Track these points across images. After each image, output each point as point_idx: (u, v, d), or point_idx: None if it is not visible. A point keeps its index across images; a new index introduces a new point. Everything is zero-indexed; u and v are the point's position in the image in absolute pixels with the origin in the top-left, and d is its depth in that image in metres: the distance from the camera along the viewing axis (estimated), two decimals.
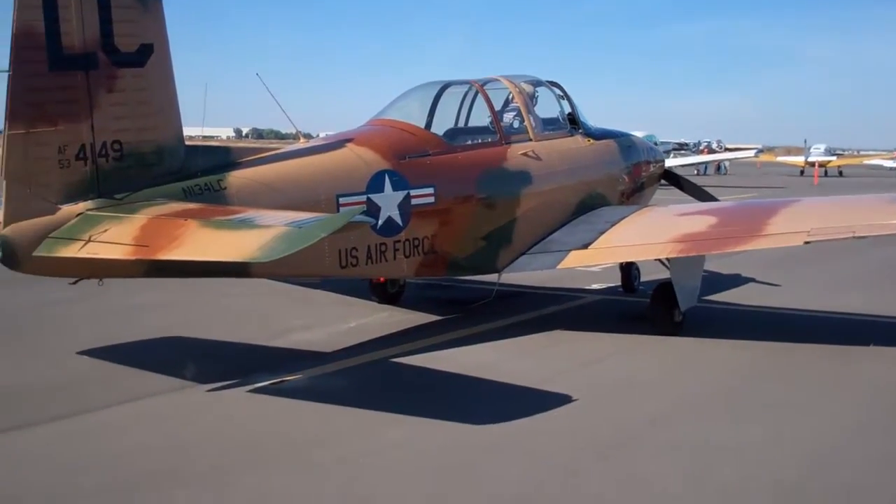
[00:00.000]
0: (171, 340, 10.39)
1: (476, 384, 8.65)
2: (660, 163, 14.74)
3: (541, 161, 11.57)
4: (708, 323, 11.34)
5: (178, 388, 8.35)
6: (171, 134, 8.28)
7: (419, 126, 11.01)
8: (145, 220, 7.41)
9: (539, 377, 8.76)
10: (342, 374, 8.99)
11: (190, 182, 8.30)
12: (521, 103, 11.97)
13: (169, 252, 7.01)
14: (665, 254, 10.52)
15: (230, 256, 6.89)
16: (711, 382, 8.90)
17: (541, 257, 11.09)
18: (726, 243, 10.38)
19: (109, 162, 7.80)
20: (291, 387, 8.43)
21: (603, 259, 11.43)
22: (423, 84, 11.98)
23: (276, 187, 8.85)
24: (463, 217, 10.61)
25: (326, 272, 9.41)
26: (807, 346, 10.27)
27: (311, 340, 10.31)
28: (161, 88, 8.16)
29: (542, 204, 11.43)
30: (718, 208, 11.69)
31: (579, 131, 12.68)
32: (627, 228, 11.10)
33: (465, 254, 10.76)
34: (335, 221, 7.24)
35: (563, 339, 10.57)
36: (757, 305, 12.90)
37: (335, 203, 9.20)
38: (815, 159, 68.59)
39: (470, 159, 10.94)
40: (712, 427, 7.48)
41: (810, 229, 9.75)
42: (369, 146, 9.99)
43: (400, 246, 9.90)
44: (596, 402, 8.03)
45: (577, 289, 14.01)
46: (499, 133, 11.45)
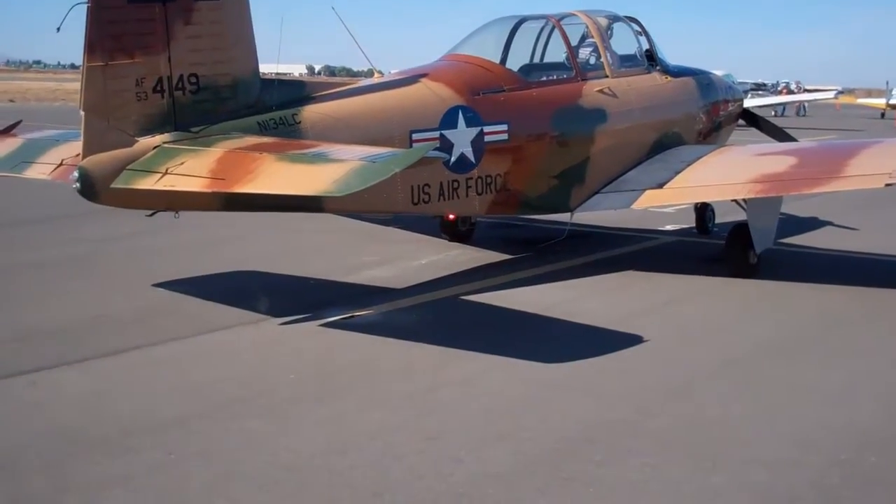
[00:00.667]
0: (244, 274, 10.51)
1: (546, 323, 8.62)
2: (738, 102, 14.43)
3: (617, 98, 11.37)
4: (783, 266, 11.13)
5: (252, 321, 8.46)
6: (246, 67, 8.29)
7: (494, 62, 10.84)
8: (221, 154, 7.45)
9: (610, 318, 8.70)
10: (413, 310, 9.03)
11: (265, 116, 8.31)
12: (597, 39, 11.74)
13: (244, 185, 7.06)
14: (742, 194, 10.31)
15: (304, 190, 6.91)
16: (786, 326, 8.75)
17: (614, 196, 10.95)
18: (805, 184, 10.16)
19: (186, 95, 7.85)
20: (363, 322, 8.49)
21: (678, 199, 11.25)
22: (499, 19, 11.82)
23: (350, 122, 8.84)
24: (536, 155, 10.49)
25: (399, 208, 9.41)
26: (885, 291, 10.05)
27: (383, 277, 10.35)
28: (237, 21, 8.16)
29: (617, 142, 11.25)
30: (797, 149, 11.40)
31: (657, 68, 12.42)
32: (704, 168, 10.88)
33: (537, 192, 10.66)
34: (409, 156, 7.23)
35: (635, 281, 10.47)
36: (834, 249, 12.61)
37: (408, 138, 9.16)
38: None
39: (545, 96, 10.78)
40: (785, 371, 7.38)
41: (892, 171, 9.47)
42: (443, 81, 9.90)
43: (472, 183, 9.84)
44: (667, 344, 7.96)
45: (650, 230, 13.83)
46: (575, 69, 11.26)
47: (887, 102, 68.37)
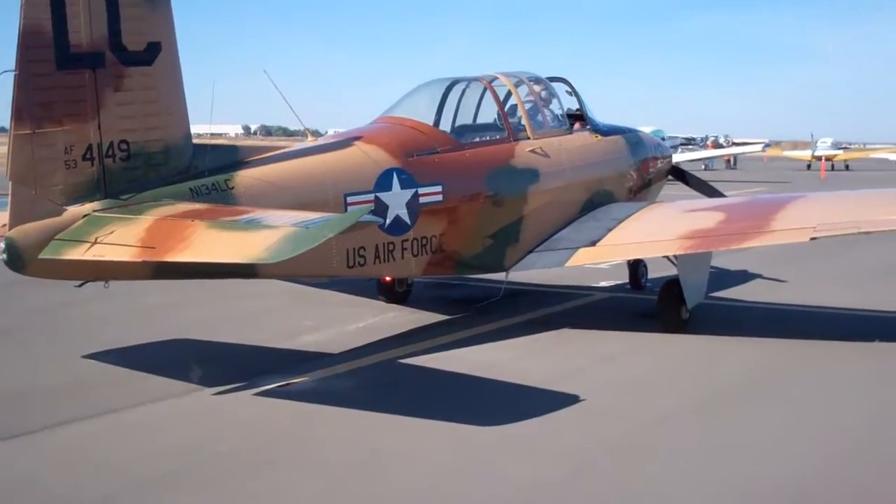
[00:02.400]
0: (178, 343, 10.36)
1: (484, 384, 8.61)
2: (667, 158, 14.69)
3: (549, 158, 11.53)
4: (715, 320, 11.30)
5: (186, 391, 8.33)
6: (178, 133, 8.23)
7: (427, 123, 10.94)
8: (152, 221, 7.37)
9: (547, 376, 8.73)
10: (350, 375, 8.96)
11: (197, 182, 8.26)
12: (529, 100, 11.94)
13: (176, 254, 6.97)
14: (672, 251, 10.49)
15: (237, 258, 6.85)
16: (718, 380, 8.86)
17: (549, 255, 11.05)
18: (733, 240, 10.34)
19: (116, 162, 7.76)
20: (299, 389, 8.40)
21: (611, 256, 11.38)
22: (431, 81, 11.92)
23: (284, 186, 8.82)
24: (471, 215, 10.56)
25: (334, 272, 9.37)
26: (813, 343, 10.25)
27: (319, 341, 10.28)
28: (169, 87, 8.11)
29: (550, 201, 11.39)
30: (725, 204, 11.64)
31: (587, 127, 12.64)
32: (635, 225, 11.06)
33: (472, 252, 10.71)
34: (342, 221, 7.21)
35: (571, 338, 10.54)
36: (764, 302, 12.85)
37: (343, 202, 9.17)
38: (821, 153, 68.46)
39: (478, 157, 10.90)
40: (720, 425, 7.47)
41: (816, 225, 9.73)
42: (377, 144, 9.95)
43: (408, 245, 9.86)
44: (603, 403, 7.99)
45: (585, 286, 13.96)
46: (507, 130, 11.40)
47: (812, 154, 70.31)
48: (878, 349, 10.06)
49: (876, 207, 10.35)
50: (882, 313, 12.01)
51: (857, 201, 10.99)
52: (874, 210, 10.18)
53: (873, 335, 10.51)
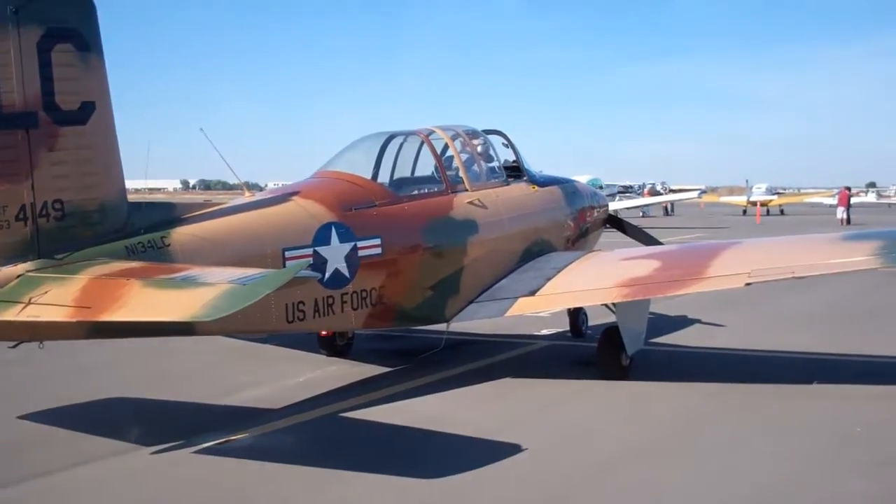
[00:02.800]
0: (116, 401, 10.21)
1: (426, 436, 8.61)
2: (603, 207, 14.93)
3: (487, 209, 11.65)
4: (655, 366, 11.44)
5: (123, 451, 8.20)
6: (113, 191, 8.18)
7: (365, 177, 11.01)
8: (87, 281, 7.29)
9: (489, 427, 8.76)
10: (290, 430, 8.89)
11: (133, 240, 8.20)
12: (466, 152, 12.10)
13: (111, 313, 6.90)
14: (610, 299, 10.62)
15: (173, 316, 6.79)
16: (658, 427, 8.95)
17: (489, 305, 11.11)
18: (670, 287, 10.47)
19: (50, 221, 7.67)
20: (238, 446, 8.31)
21: (550, 305, 11.48)
22: (369, 135, 12.01)
23: (221, 242, 8.80)
24: (410, 267, 10.61)
25: (273, 327, 9.33)
26: (752, 387, 10.42)
27: (259, 397, 10.20)
28: (103, 146, 8.06)
29: (489, 252, 11.49)
30: (661, 252, 11.83)
31: (524, 179, 12.82)
32: (573, 274, 11.18)
33: (413, 304, 10.74)
34: (279, 277, 7.19)
35: (512, 387, 10.58)
36: (702, 347, 13.04)
37: (281, 257, 9.16)
38: (756, 199, 69.68)
39: (416, 209, 10.97)
40: (659, 472, 7.53)
41: (751, 271, 9.91)
42: (315, 199, 9.98)
43: (347, 298, 9.86)
44: (545, 451, 8.03)
45: (525, 335, 14.04)
46: (444, 182, 11.51)
47: (748, 200, 71.55)
48: (817, 392, 10.24)
49: (808, 253, 10.58)
50: (819, 356, 12.24)
51: (791, 247, 11.24)
52: (807, 255, 10.40)
53: (811, 378, 10.70)
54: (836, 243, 10.49)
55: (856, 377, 10.90)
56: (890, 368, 11.49)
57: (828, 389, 10.31)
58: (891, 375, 10.95)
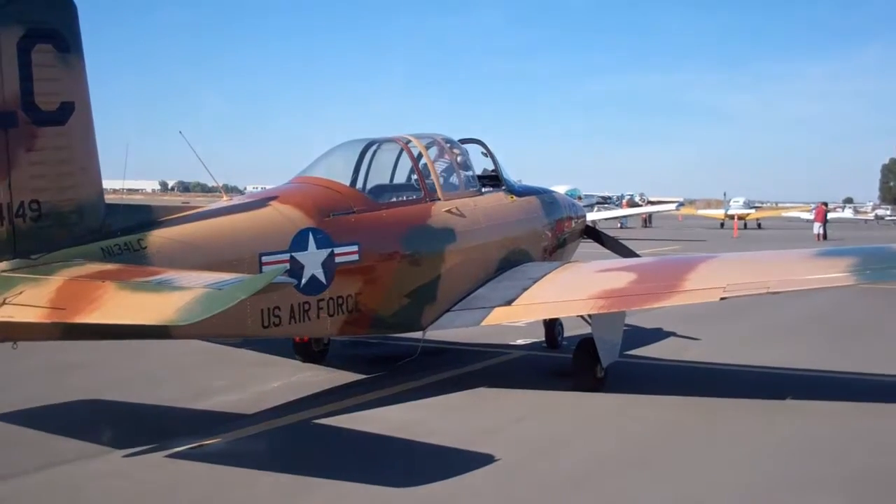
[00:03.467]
0: (87, 403, 10.15)
1: (400, 444, 8.61)
2: (581, 218, 14.98)
3: (464, 218, 11.67)
4: (630, 378, 11.48)
5: (95, 453, 8.15)
6: (91, 192, 8.14)
7: (343, 183, 11.02)
8: (62, 282, 7.25)
9: (463, 436, 8.77)
10: (264, 436, 8.87)
11: (109, 241, 8.16)
12: (445, 160, 12.13)
13: (86, 315, 6.86)
14: (586, 310, 10.66)
15: (148, 320, 6.76)
16: (632, 439, 8.98)
17: (465, 314, 11.13)
18: (645, 300, 10.52)
19: (27, 222, 7.63)
20: (211, 451, 8.28)
21: (526, 316, 11.51)
22: (348, 141, 12.02)
23: (198, 246, 8.77)
24: (387, 274, 10.61)
25: (249, 332, 9.31)
26: (726, 401, 10.45)
27: (233, 402, 10.17)
28: (82, 147, 8.03)
29: (467, 261, 11.51)
30: (638, 264, 11.88)
31: (502, 188, 12.86)
32: (550, 285, 11.22)
33: (389, 311, 10.74)
34: (255, 282, 7.17)
35: (487, 397, 10.60)
36: (677, 360, 13.10)
37: (258, 262, 9.14)
38: (734, 212, 70.17)
39: (394, 216, 10.98)
40: (631, 486, 7.55)
41: (726, 285, 9.96)
42: (293, 204, 9.97)
43: (324, 304, 9.85)
44: (517, 463, 8.04)
45: (501, 344, 14.07)
46: (423, 190, 11.52)
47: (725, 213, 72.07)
48: (791, 407, 10.31)
49: (784, 268, 10.63)
50: (793, 371, 12.33)
51: (766, 262, 11.30)
52: (782, 270, 10.47)
53: (785, 392, 10.77)
54: (812, 259, 10.57)
55: (829, 393, 10.99)
56: (862, 385, 11.58)
57: (802, 405, 10.37)
58: (863, 392, 11.03)
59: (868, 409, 10.23)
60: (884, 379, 11.88)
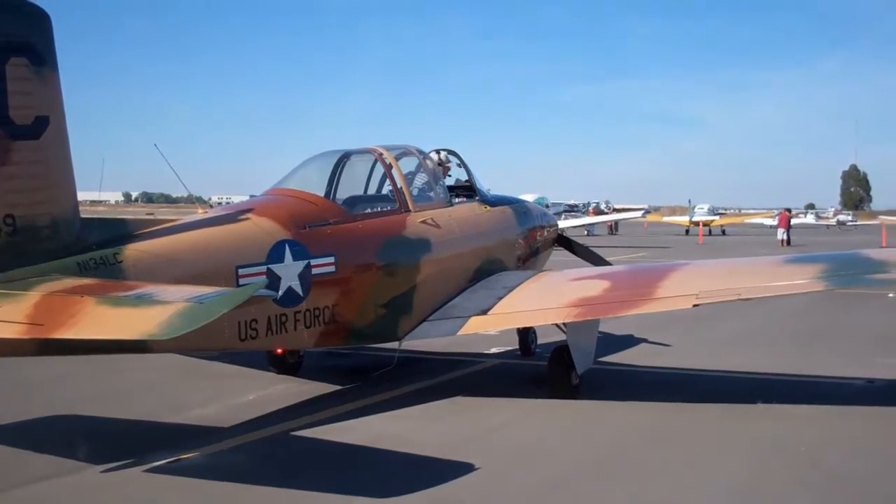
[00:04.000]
0: (64, 418, 10.07)
1: (377, 455, 8.62)
2: (553, 227, 15.09)
3: (439, 228, 11.72)
4: (604, 385, 11.57)
5: (72, 469, 8.08)
6: (66, 206, 8.10)
7: (319, 195, 11.03)
8: (39, 298, 7.21)
9: (440, 445, 8.79)
10: (241, 449, 8.84)
11: (84, 256, 8.11)
12: (419, 171, 12.18)
13: (64, 330, 6.81)
14: (560, 318, 10.74)
15: (128, 334, 6.76)
16: (608, 445, 9.07)
17: (441, 324, 11.17)
18: (619, 307, 10.61)
19: (2, 236, 7.57)
20: (189, 464, 8.24)
21: (501, 325, 11.54)
22: (323, 153, 12.03)
23: (174, 259, 8.74)
24: (364, 285, 10.62)
25: (226, 345, 9.30)
26: (698, 406, 10.57)
27: (209, 415, 10.14)
28: (56, 161, 7.98)
29: (442, 271, 11.55)
30: (610, 272, 12.01)
31: (476, 198, 12.93)
32: (524, 294, 11.29)
33: (365, 322, 10.76)
34: (237, 296, 7.18)
35: (463, 406, 10.64)
36: (650, 366, 13.22)
37: (235, 274, 9.13)
38: (699, 219, 70.73)
39: (370, 228, 11.00)
40: (608, 492, 7.62)
41: (698, 292, 10.10)
42: (269, 216, 9.97)
43: (301, 316, 9.84)
44: (495, 470, 8.07)
45: (476, 353, 14.12)
46: (398, 201, 11.56)
47: (690, 220, 72.59)
48: (762, 411, 10.43)
49: (754, 275, 10.79)
50: (763, 375, 12.48)
51: (737, 269, 11.44)
52: (753, 277, 10.62)
53: (756, 398, 10.89)
54: (782, 266, 10.73)
55: (799, 397, 11.13)
56: (828, 388, 11.74)
57: (772, 409, 10.50)
58: (830, 395, 11.18)
59: (838, 412, 10.40)
60: (851, 382, 12.05)
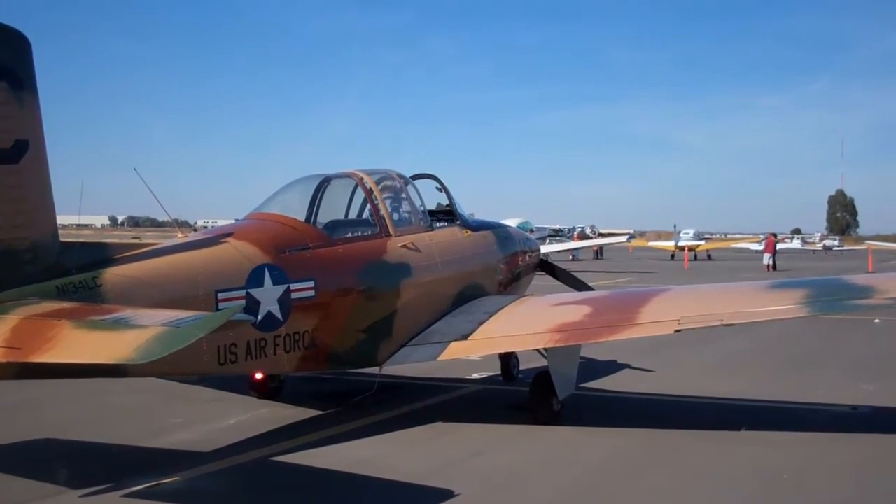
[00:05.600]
0: (39, 442, 10.00)
1: (357, 481, 8.59)
2: (535, 252, 15.10)
3: (420, 253, 11.73)
4: (586, 411, 11.57)
5: (50, 494, 8.02)
6: (45, 230, 8.08)
7: (299, 219, 11.03)
8: (17, 321, 7.19)
9: (421, 471, 8.76)
10: (221, 474, 8.79)
11: (64, 280, 8.10)
12: (399, 196, 12.20)
13: (41, 354, 6.80)
14: (542, 344, 10.72)
15: (105, 358, 6.72)
16: (589, 472, 9.04)
17: (421, 349, 11.15)
18: (600, 333, 10.59)
19: None
20: (169, 490, 8.18)
21: (482, 350, 11.54)
22: (303, 177, 12.04)
23: (153, 283, 8.73)
24: (343, 310, 10.61)
25: (204, 369, 9.27)
26: (681, 432, 10.56)
27: (189, 440, 10.08)
28: (36, 185, 7.97)
29: (422, 295, 11.55)
30: (592, 298, 11.99)
31: (457, 223, 12.95)
32: (505, 319, 11.28)
33: (345, 347, 10.74)
34: (214, 320, 7.16)
35: (444, 431, 10.61)
36: (632, 392, 13.22)
37: (214, 298, 9.11)
38: (684, 244, 70.99)
39: (350, 252, 11.00)
40: None
41: (680, 318, 10.09)
42: (249, 240, 9.96)
43: (280, 341, 9.83)
44: (477, 496, 8.05)
45: (458, 378, 14.10)
46: (378, 225, 11.57)
47: (676, 244, 72.82)
48: (745, 438, 10.43)
49: (737, 300, 10.78)
50: (746, 402, 12.49)
51: (719, 294, 11.48)
52: (735, 302, 10.61)
53: (739, 424, 10.90)
54: (764, 291, 10.75)
55: (782, 423, 11.14)
56: (811, 414, 11.77)
57: (755, 435, 10.51)
58: (813, 421, 11.21)
59: (822, 439, 10.39)
60: (833, 408, 12.07)
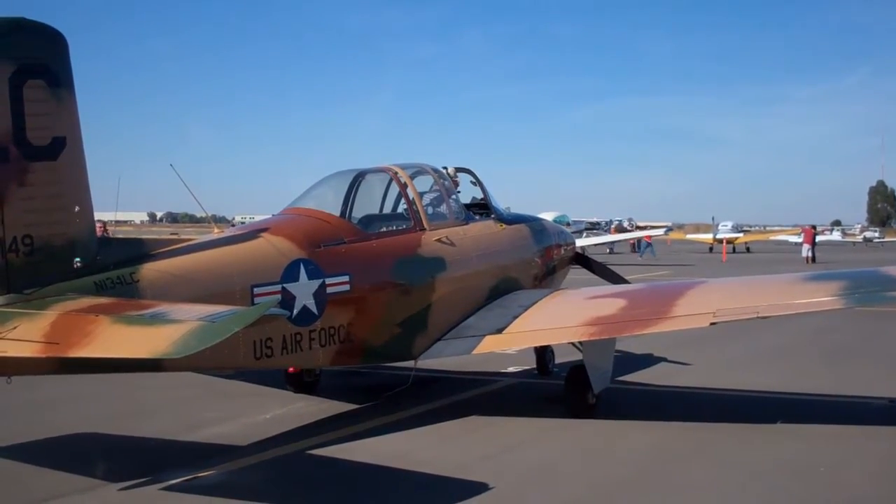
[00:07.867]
0: (80, 437, 10.15)
1: (392, 474, 8.62)
2: (570, 245, 15.03)
3: (455, 247, 11.74)
4: (621, 404, 11.52)
5: (90, 487, 8.14)
6: (83, 227, 8.19)
7: (334, 214, 11.07)
8: (56, 317, 7.28)
9: (456, 465, 8.79)
10: (257, 468, 8.87)
11: (102, 276, 8.20)
12: (434, 190, 12.21)
13: (80, 349, 6.88)
14: (576, 337, 10.70)
15: (142, 353, 6.79)
16: (625, 465, 9.00)
17: (456, 343, 11.16)
18: (635, 326, 10.54)
19: (20, 256, 7.66)
20: (206, 483, 8.28)
21: (516, 344, 11.54)
22: (337, 172, 12.07)
23: (190, 279, 8.81)
24: (378, 304, 10.65)
25: (241, 364, 9.33)
26: (717, 426, 10.50)
27: (226, 433, 10.18)
28: (73, 181, 8.08)
29: (457, 289, 11.56)
30: (627, 291, 11.92)
31: (491, 216, 12.93)
32: (540, 312, 11.27)
33: (380, 341, 10.78)
34: (249, 315, 7.21)
35: (479, 425, 10.62)
36: (668, 385, 13.14)
37: (250, 293, 9.18)
38: (723, 236, 70.34)
39: (385, 246, 11.04)
40: None
41: (716, 310, 10.01)
42: (284, 235, 10.02)
43: (315, 335, 9.88)
44: (512, 490, 8.06)
45: (493, 372, 14.10)
46: (413, 220, 11.59)
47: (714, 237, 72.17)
48: (781, 430, 10.35)
49: (773, 293, 10.69)
50: (782, 394, 12.39)
51: (755, 287, 11.37)
52: (771, 295, 10.52)
53: (775, 417, 10.81)
54: (801, 283, 10.65)
55: (820, 416, 11.04)
56: (848, 408, 11.65)
57: (791, 429, 10.42)
58: (849, 415, 11.10)
59: (859, 432, 10.28)
60: (873, 401, 11.94)
